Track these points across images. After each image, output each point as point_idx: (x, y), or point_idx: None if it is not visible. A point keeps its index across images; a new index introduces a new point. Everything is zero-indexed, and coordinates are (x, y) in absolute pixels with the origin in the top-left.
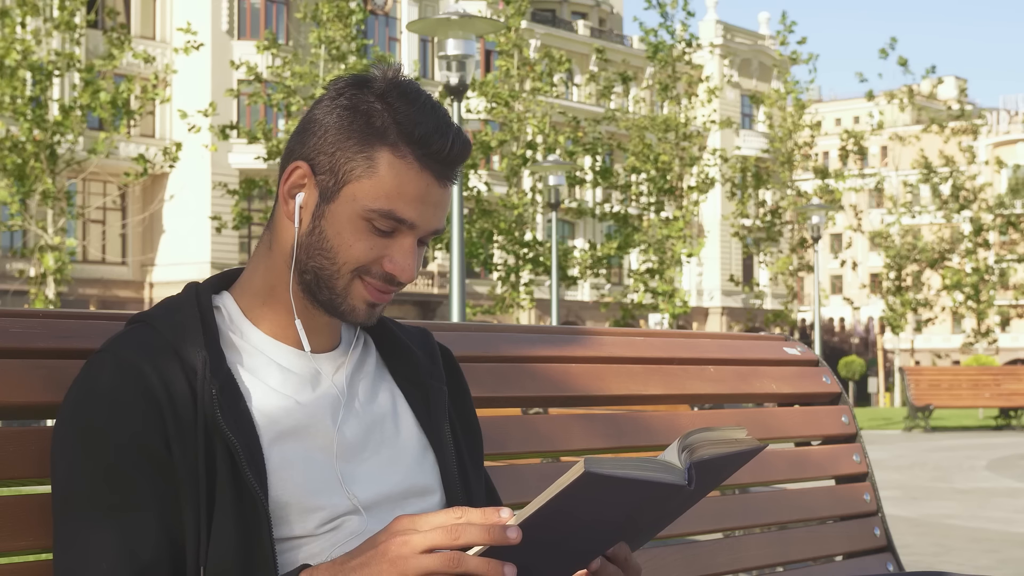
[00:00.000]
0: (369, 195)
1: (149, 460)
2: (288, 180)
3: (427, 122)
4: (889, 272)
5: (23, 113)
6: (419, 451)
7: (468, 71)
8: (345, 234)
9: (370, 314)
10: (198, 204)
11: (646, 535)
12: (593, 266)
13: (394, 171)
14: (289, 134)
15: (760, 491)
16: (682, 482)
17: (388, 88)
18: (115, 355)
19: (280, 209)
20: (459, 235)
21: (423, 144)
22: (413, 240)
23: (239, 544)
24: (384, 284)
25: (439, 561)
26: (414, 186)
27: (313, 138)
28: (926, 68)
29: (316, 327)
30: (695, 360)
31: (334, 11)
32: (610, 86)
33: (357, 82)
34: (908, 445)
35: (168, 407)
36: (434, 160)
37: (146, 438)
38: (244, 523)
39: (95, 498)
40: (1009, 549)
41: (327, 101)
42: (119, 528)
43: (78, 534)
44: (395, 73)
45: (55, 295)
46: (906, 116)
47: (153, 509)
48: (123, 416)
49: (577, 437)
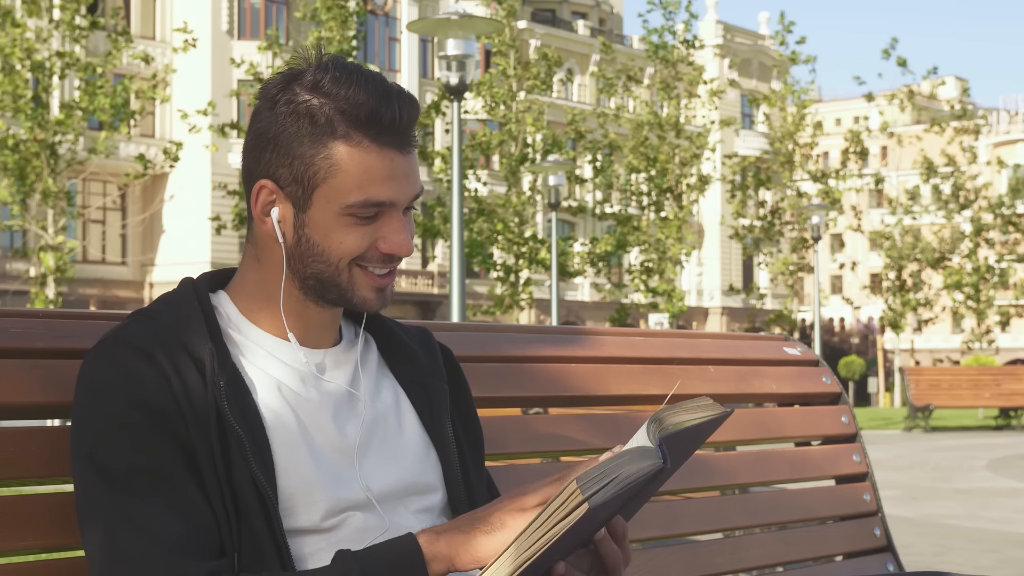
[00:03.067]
0: (341, 192)
1: (176, 438)
2: (257, 201)
3: (368, 99)
4: (889, 272)
5: (24, 112)
6: (421, 449)
7: (468, 71)
8: (332, 234)
9: (381, 299)
10: (198, 204)
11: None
12: (593, 263)
13: (355, 161)
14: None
15: (760, 491)
16: (659, 463)
17: (317, 77)
18: (124, 342)
19: (258, 228)
20: (459, 235)
21: (372, 123)
22: (398, 214)
23: (251, 534)
24: (384, 264)
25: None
26: (380, 167)
27: (267, 153)
28: (927, 69)
29: (318, 324)
30: (695, 360)
31: (333, 13)
32: (613, 83)
33: (286, 82)
34: (908, 445)
35: (181, 391)
36: (389, 134)
37: (168, 409)
38: (255, 514)
39: (144, 470)
40: (1009, 549)
41: (266, 112)
42: (171, 493)
43: (128, 513)
44: (318, 58)
45: (55, 295)
46: (906, 116)
47: (186, 486)
48: (142, 390)
49: (577, 437)
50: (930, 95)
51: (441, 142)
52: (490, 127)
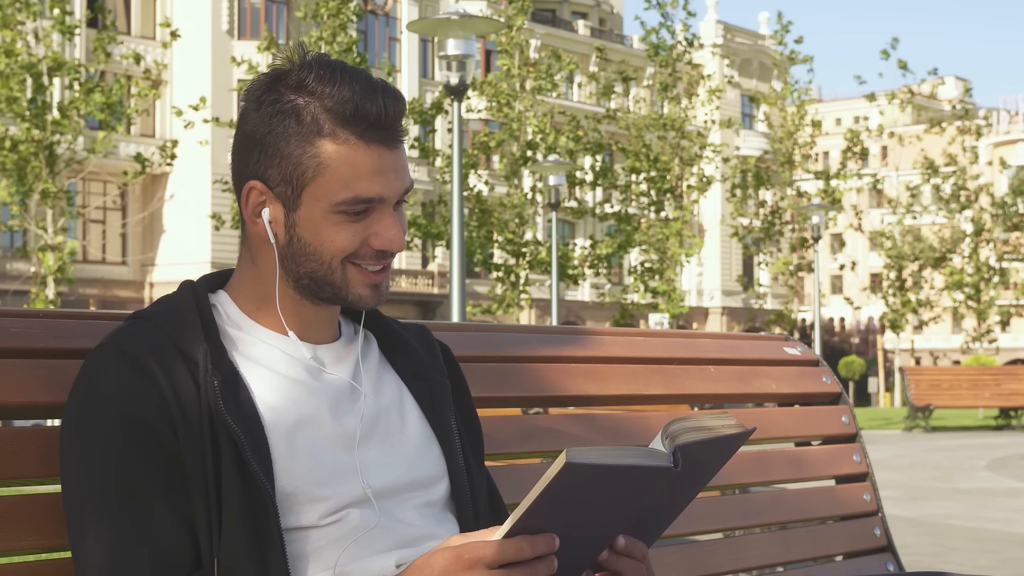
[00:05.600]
0: (329, 191)
1: (160, 447)
2: (248, 202)
3: (353, 96)
4: (889, 272)
5: (22, 114)
6: (424, 442)
7: (468, 71)
8: (323, 232)
9: (377, 295)
10: (198, 204)
11: (654, 530)
12: (593, 264)
13: (343, 159)
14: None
15: (760, 491)
16: (667, 464)
17: (302, 76)
18: (118, 348)
19: (250, 229)
20: (459, 235)
21: (358, 120)
22: (389, 210)
23: (249, 534)
24: (377, 260)
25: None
26: (367, 164)
27: (254, 154)
28: (928, 70)
29: (315, 321)
30: (695, 360)
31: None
32: (610, 85)
33: (270, 82)
34: (908, 445)
35: (173, 399)
36: (375, 129)
37: (156, 426)
38: (252, 513)
39: (109, 488)
40: (1009, 549)
41: (252, 113)
42: (137, 515)
43: (95, 524)
44: (302, 56)
45: (55, 295)
46: (906, 116)
47: (168, 495)
48: (131, 405)
49: (577, 437)
50: (930, 95)
51: (442, 141)
52: (491, 127)
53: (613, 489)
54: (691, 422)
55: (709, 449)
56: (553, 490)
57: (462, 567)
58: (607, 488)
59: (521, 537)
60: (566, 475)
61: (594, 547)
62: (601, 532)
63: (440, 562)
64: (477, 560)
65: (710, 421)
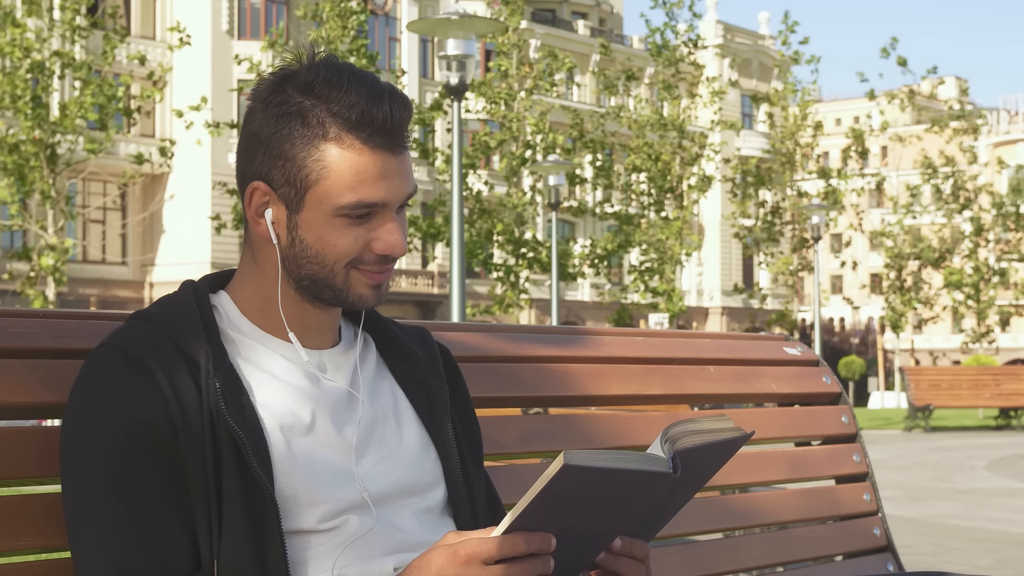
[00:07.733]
0: (333, 194)
1: (160, 447)
2: (251, 202)
3: (360, 101)
4: (889, 272)
5: (24, 112)
6: (421, 448)
7: (468, 71)
8: (325, 236)
9: (377, 295)
10: (198, 204)
11: (650, 530)
12: (593, 264)
13: (347, 163)
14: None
15: (760, 491)
16: (666, 470)
17: (310, 78)
18: (118, 348)
19: (253, 229)
20: (459, 235)
21: (364, 125)
22: (391, 214)
23: (249, 536)
24: (379, 265)
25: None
26: (372, 169)
27: (259, 155)
28: (927, 69)
29: (315, 325)
30: (695, 360)
31: (335, 10)
32: (613, 83)
33: (278, 83)
34: (908, 445)
35: (173, 400)
36: (380, 135)
37: (156, 427)
38: (253, 515)
39: (110, 488)
40: (1009, 549)
41: (258, 113)
42: (137, 516)
43: (96, 525)
44: (311, 57)
45: (55, 295)
46: (906, 116)
47: (168, 497)
48: (132, 406)
49: (577, 437)
50: (930, 95)
51: (442, 141)
52: (491, 127)
53: (611, 492)
54: (690, 426)
55: (708, 453)
56: (550, 491)
57: (458, 563)
58: (605, 491)
59: (517, 533)
60: (563, 477)
61: (592, 547)
62: (599, 533)
63: (437, 559)
64: (473, 556)
65: (709, 424)
